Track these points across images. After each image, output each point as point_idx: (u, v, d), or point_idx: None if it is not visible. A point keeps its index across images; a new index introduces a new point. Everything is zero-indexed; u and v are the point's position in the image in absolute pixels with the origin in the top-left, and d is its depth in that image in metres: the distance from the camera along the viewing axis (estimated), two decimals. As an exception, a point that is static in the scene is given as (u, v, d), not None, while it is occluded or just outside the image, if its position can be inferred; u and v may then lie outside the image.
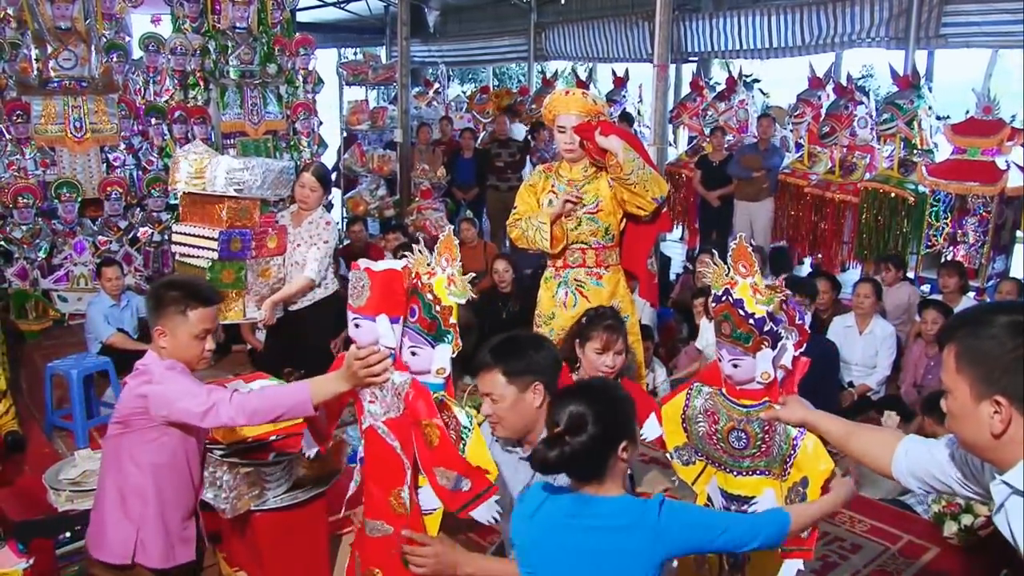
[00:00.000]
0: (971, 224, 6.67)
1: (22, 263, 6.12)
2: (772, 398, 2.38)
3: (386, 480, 2.37)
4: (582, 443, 1.93)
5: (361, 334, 2.30)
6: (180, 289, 2.58)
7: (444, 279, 2.25)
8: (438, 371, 2.28)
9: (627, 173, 3.74)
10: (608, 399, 2.05)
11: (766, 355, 2.34)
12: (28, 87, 6.26)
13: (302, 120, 7.71)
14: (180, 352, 2.55)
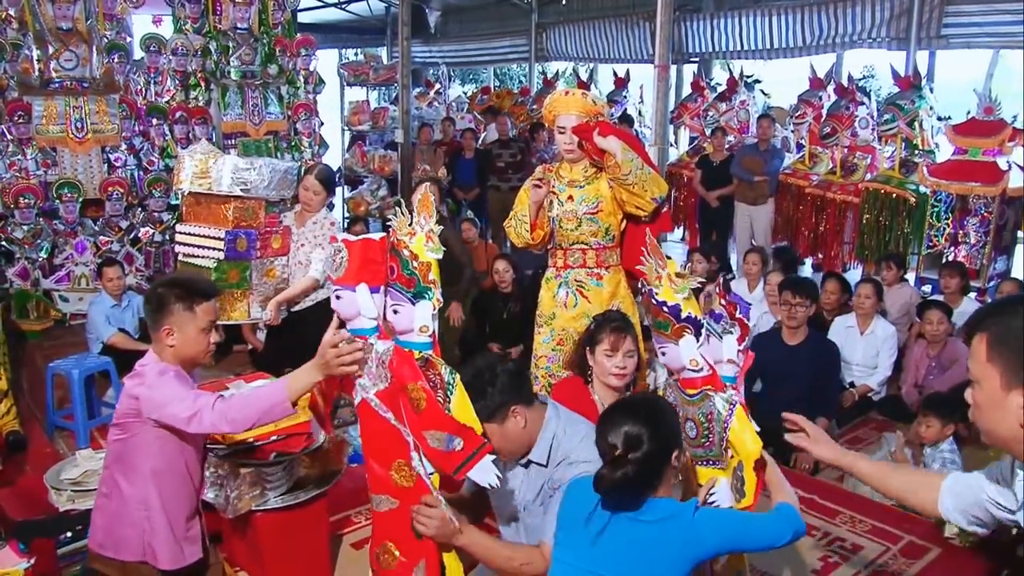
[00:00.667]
0: (972, 224, 6.67)
1: (23, 263, 6.12)
2: (715, 387, 2.45)
3: (386, 453, 2.37)
4: (642, 461, 2.04)
5: (342, 305, 2.31)
6: (182, 287, 2.61)
7: (423, 236, 2.25)
8: (421, 328, 2.28)
9: (625, 173, 3.74)
10: (657, 412, 2.18)
11: (689, 342, 2.42)
12: (29, 87, 6.27)
13: (303, 121, 7.71)
14: (189, 347, 2.58)
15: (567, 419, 2.57)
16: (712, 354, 2.50)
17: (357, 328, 2.35)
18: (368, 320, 2.31)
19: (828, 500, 4.07)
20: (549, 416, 2.52)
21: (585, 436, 2.50)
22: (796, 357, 4.72)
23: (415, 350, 2.30)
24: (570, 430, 2.52)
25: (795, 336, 4.79)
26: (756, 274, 6.14)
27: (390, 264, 2.30)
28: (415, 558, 2.37)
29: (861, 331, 5.37)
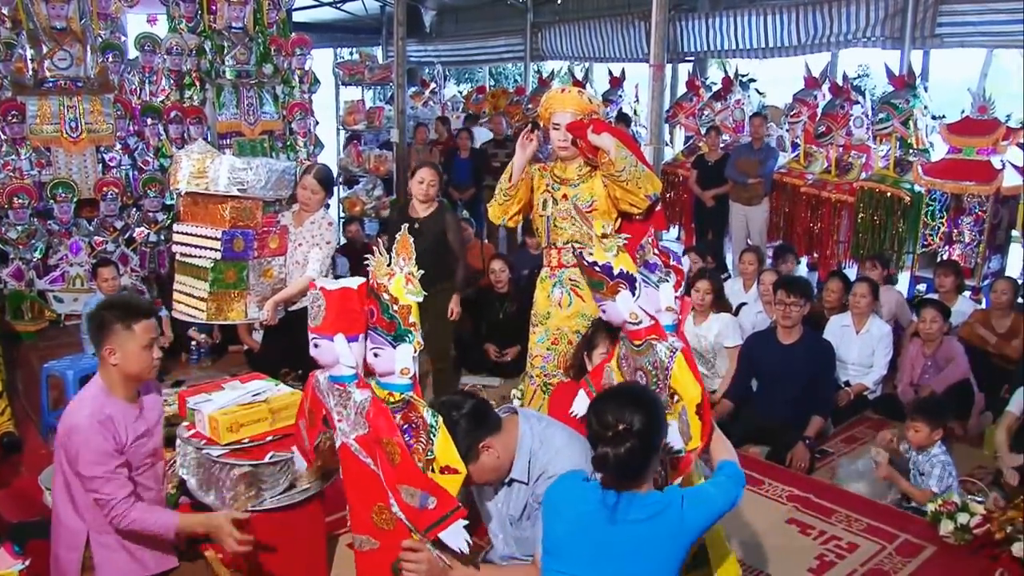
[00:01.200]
0: (967, 223, 6.68)
1: (18, 264, 6.10)
2: (659, 336, 2.59)
3: (367, 495, 2.38)
4: (642, 434, 2.11)
5: (321, 353, 2.33)
6: (120, 307, 2.77)
7: (402, 278, 2.26)
8: (402, 371, 2.29)
9: (619, 170, 3.74)
10: (648, 396, 2.27)
11: (624, 297, 2.57)
12: (23, 87, 6.25)
13: (298, 120, 7.70)
14: (131, 365, 2.74)
15: (542, 431, 2.55)
16: (650, 303, 2.61)
17: (336, 376, 2.36)
18: (347, 368, 2.33)
19: (824, 499, 4.07)
20: (522, 432, 2.50)
21: (562, 446, 2.50)
22: (791, 356, 4.73)
23: (397, 392, 2.31)
24: (546, 443, 2.51)
25: (790, 335, 4.79)
26: (752, 273, 6.14)
27: (369, 307, 2.32)
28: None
29: (857, 330, 5.38)
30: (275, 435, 3.05)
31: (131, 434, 2.80)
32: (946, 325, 5.18)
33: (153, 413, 2.98)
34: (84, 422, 2.67)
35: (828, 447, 4.80)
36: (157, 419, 3.00)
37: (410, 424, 2.27)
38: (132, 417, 2.84)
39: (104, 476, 2.64)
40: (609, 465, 2.10)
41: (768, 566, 3.50)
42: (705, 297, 5.29)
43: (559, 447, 2.48)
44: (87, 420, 2.68)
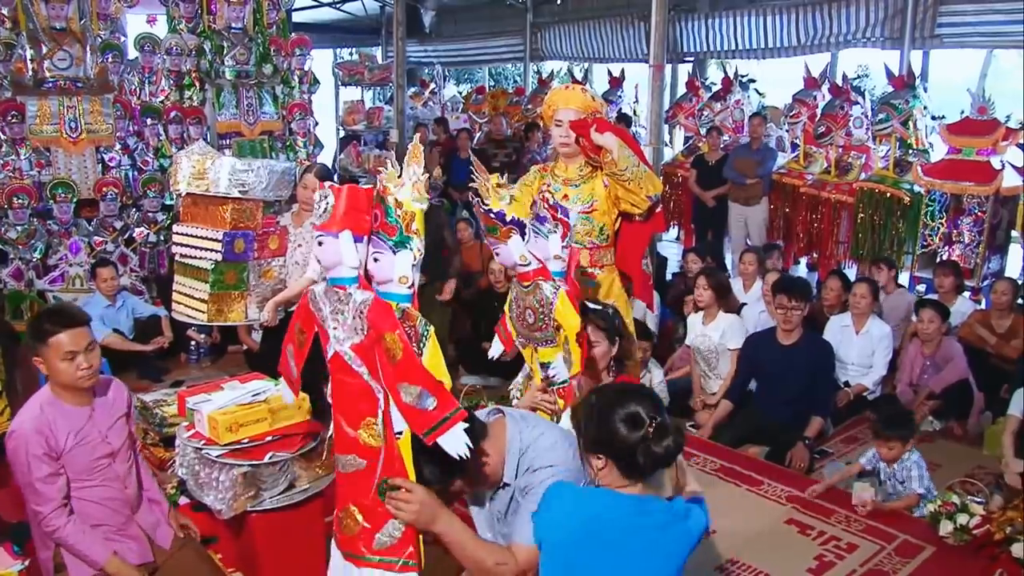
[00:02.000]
0: (966, 224, 6.69)
1: (17, 264, 6.09)
2: (544, 277, 2.94)
3: (357, 410, 2.32)
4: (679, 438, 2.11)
5: (324, 252, 2.29)
6: (44, 319, 2.82)
7: (410, 187, 2.25)
8: (401, 279, 2.26)
9: (621, 169, 3.75)
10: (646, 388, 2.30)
11: (516, 241, 2.90)
12: (23, 87, 6.24)
13: (298, 120, 7.69)
14: (57, 376, 2.79)
15: (530, 431, 2.53)
16: (541, 251, 2.96)
17: (337, 277, 2.32)
18: (349, 269, 2.29)
19: (823, 499, 4.07)
20: (511, 434, 2.48)
21: (551, 445, 2.48)
22: (791, 357, 4.73)
23: (394, 302, 2.28)
24: (536, 443, 2.50)
25: (790, 336, 4.79)
26: (752, 274, 6.14)
27: (374, 211, 2.28)
28: (378, 523, 2.34)
29: (856, 331, 5.38)
30: (274, 435, 3.06)
31: (71, 440, 2.81)
32: (945, 325, 5.19)
33: (107, 416, 2.98)
34: (21, 428, 2.73)
35: (828, 447, 4.80)
36: (113, 421, 3.00)
37: (405, 333, 2.25)
38: (79, 422, 2.86)
39: (35, 482, 2.69)
40: (662, 460, 2.08)
41: (767, 566, 3.50)
42: (704, 293, 5.28)
43: (547, 445, 2.47)
44: (25, 426, 2.73)
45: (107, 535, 2.87)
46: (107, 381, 3.06)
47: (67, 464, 2.80)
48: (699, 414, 5.16)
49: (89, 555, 2.77)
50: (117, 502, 2.93)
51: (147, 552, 3.00)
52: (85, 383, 2.84)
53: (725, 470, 4.41)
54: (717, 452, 4.61)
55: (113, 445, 2.95)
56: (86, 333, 2.82)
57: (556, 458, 2.45)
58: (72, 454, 2.80)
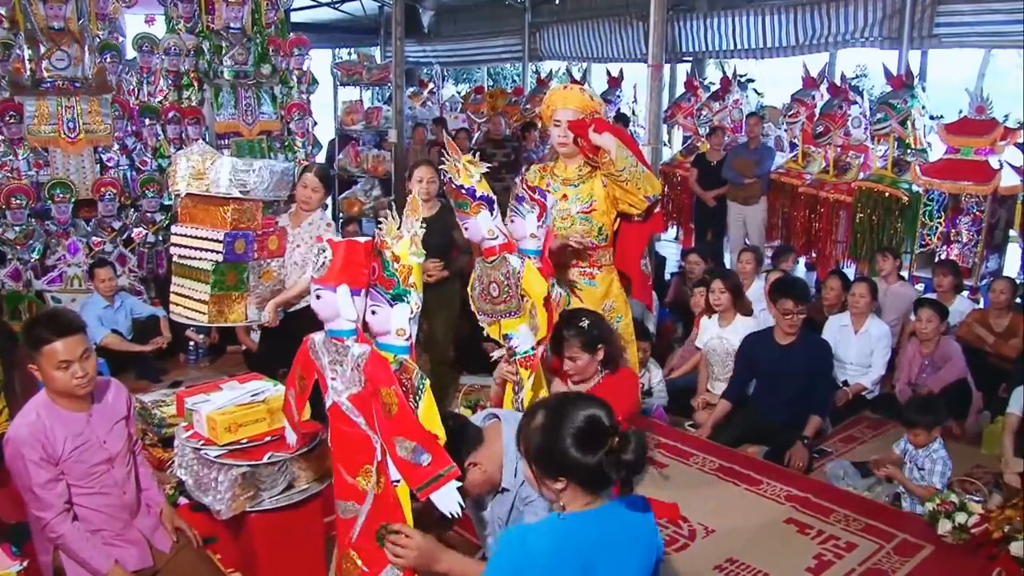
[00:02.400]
0: (965, 223, 6.69)
1: (15, 264, 6.08)
2: (510, 250, 3.14)
3: (355, 458, 2.36)
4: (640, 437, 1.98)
5: (322, 306, 2.31)
6: (38, 326, 2.77)
7: (408, 240, 2.27)
8: (398, 331, 2.29)
9: (619, 169, 3.75)
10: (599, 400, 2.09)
11: (484, 216, 3.08)
12: (21, 87, 6.23)
13: (296, 120, 7.69)
14: (52, 384, 2.75)
15: None
16: (518, 230, 3.15)
17: (335, 330, 2.34)
18: (347, 322, 2.31)
19: (822, 498, 4.08)
20: (507, 439, 2.48)
21: None
22: (789, 357, 4.73)
23: (391, 353, 2.30)
24: None
25: (788, 336, 4.79)
26: (750, 272, 6.14)
27: (372, 264, 2.31)
28: (377, 568, 2.35)
29: (855, 330, 5.38)
30: (273, 435, 3.05)
31: (69, 445, 2.78)
32: (943, 325, 5.19)
33: (105, 421, 2.94)
34: (17, 433, 2.71)
35: (826, 447, 4.81)
36: (112, 425, 2.96)
37: (401, 387, 2.26)
38: (76, 427, 2.83)
39: (34, 488, 2.67)
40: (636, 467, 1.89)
41: (766, 565, 3.50)
42: (721, 296, 5.25)
43: None
44: (22, 431, 2.71)
45: (106, 540, 2.85)
46: (106, 383, 3.02)
47: (65, 470, 2.78)
48: (698, 414, 5.16)
49: (91, 563, 2.75)
50: (115, 508, 2.91)
51: (146, 556, 2.99)
52: (81, 391, 2.78)
53: (724, 469, 4.41)
54: (716, 452, 4.61)
55: (111, 450, 2.91)
56: (81, 340, 2.76)
57: None
58: (70, 460, 2.77)
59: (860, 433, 5.06)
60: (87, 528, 2.81)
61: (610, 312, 4.08)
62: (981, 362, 5.25)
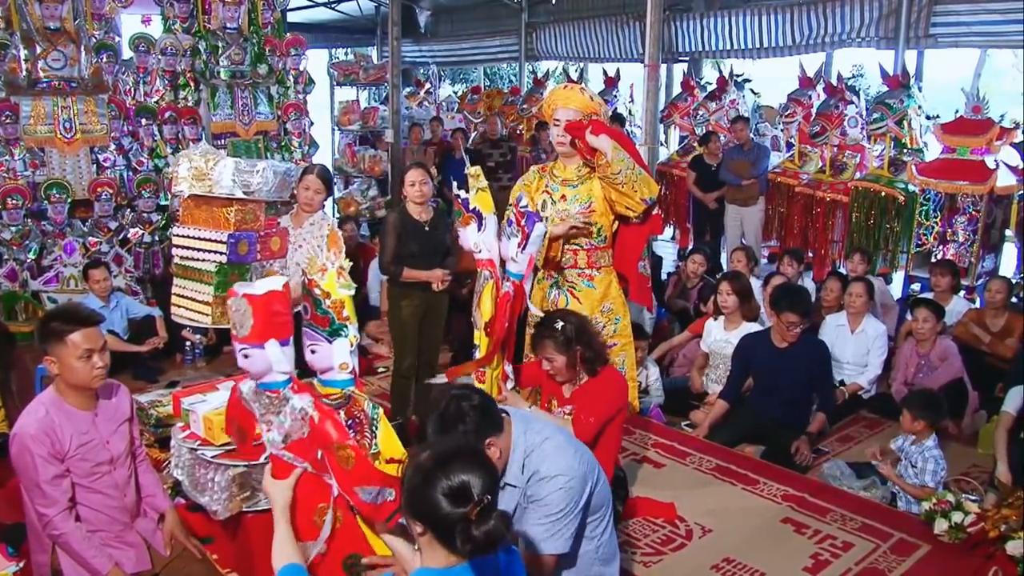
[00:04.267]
0: (961, 223, 6.70)
1: (11, 264, 6.08)
2: (491, 267, 3.28)
3: (307, 500, 2.36)
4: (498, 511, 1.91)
5: (251, 364, 2.28)
6: (58, 318, 2.78)
7: (334, 273, 2.26)
8: (341, 366, 2.28)
9: (615, 172, 3.74)
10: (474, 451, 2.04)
11: (472, 229, 3.26)
12: (17, 87, 6.22)
13: (293, 120, 7.68)
14: (71, 376, 2.74)
15: (536, 432, 2.53)
16: (504, 251, 3.28)
17: (268, 383, 2.32)
18: (279, 374, 2.30)
19: (819, 498, 4.08)
20: (516, 435, 2.49)
21: (556, 448, 2.49)
22: (786, 359, 4.71)
23: (338, 388, 2.29)
24: (541, 447, 2.50)
25: (785, 340, 4.76)
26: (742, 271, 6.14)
27: (304, 304, 2.31)
28: None
29: (852, 330, 5.39)
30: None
31: (75, 442, 2.79)
32: (939, 325, 5.19)
33: (110, 421, 2.95)
34: (25, 430, 2.70)
35: (823, 446, 4.81)
36: (116, 427, 2.97)
37: (353, 419, 2.27)
38: (83, 425, 2.83)
39: (41, 484, 2.66)
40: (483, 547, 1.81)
41: (763, 565, 3.51)
42: (728, 298, 5.23)
43: (552, 450, 2.48)
44: (30, 428, 2.70)
45: (105, 541, 2.85)
46: (113, 386, 3.02)
47: (69, 467, 2.78)
48: (695, 413, 5.16)
49: (91, 562, 2.74)
50: (115, 510, 2.90)
51: (145, 559, 2.98)
52: (98, 383, 2.83)
53: (721, 469, 4.41)
54: (713, 451, 4.61)
55: (113, 451, 2.91)
56: (100, 332, 2.82)
57: (563, 466, 2.45)
58: (75, 457, 2.78)
59: (857, 433, 5.06)
60: (87, 528, 2.81)
61: (609, 314, 4.07)
62: (977, 362, 5.26)
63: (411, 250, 4.66)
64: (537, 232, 3.30)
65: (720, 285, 5.35)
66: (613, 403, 3.42)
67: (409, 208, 4.76)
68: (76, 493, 2.81)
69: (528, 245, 3.25)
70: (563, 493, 2.45)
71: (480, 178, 3.22)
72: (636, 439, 4.74)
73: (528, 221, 3.22)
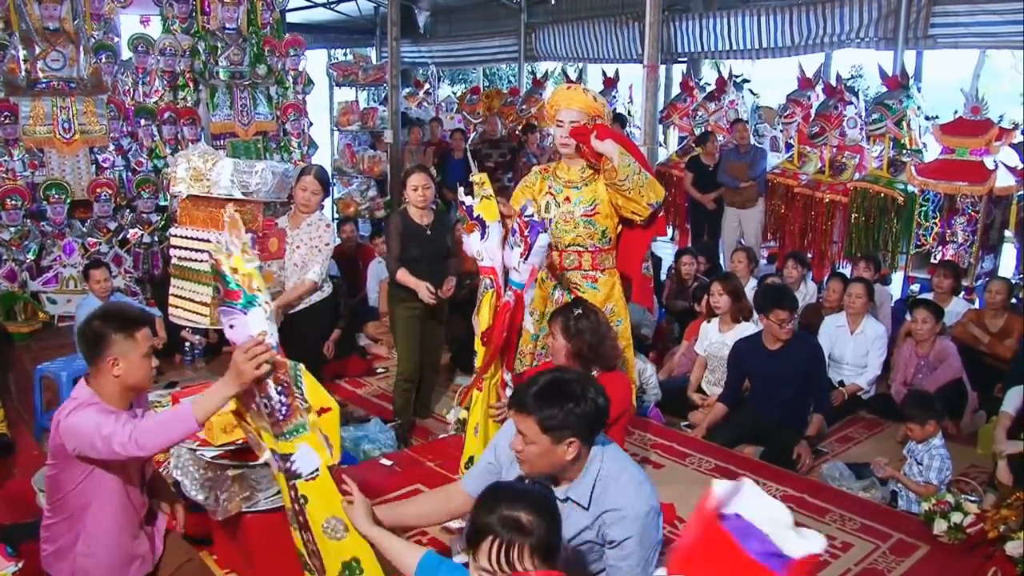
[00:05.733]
0: (960, 224, 6.70)
1: (11, 265, 6.08)
2: (492, 275, 3.30)
3: None
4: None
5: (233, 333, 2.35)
6: (118, 318, 2.66)
7: (239, 252, 2.29)
8: (260, 335, 2.30)
9: (621, 178, 3.73)
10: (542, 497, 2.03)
11: (475, 236, 3.30)
12: (16, 88, 6.22)
13: (292, 121, 7.68)
14: (134, 374, 2.62)
15: (613, 460, 2.38)
16: (508, 258, 3.27)
17: None
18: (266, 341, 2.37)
19: (818, 499, 4.08)
20: (593, 455, 2.35)
21: (639, 484, 2.33)
22: (780, 360, 4.71)
23: None
24: (618, 475, 2.34)
25: (777, 341, 4.76)
26: (744, 272, 6.15)
27: (214, 285, 2.37)
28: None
29: (851, 330, 5.39)
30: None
31: None
32: (939, 326, 5.19)
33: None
34: (78, 413, 2.54)
35: (823, 447, 4.81)
36: None
37: (281, 384, 2.30)
38: None
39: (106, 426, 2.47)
40: None
41: (763, 566, 3.50)
42: (720, 299, 5.23)
43: (632, 488, 2.32)
44: (80, 409, 2.55)
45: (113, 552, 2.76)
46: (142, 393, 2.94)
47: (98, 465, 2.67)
48: (694, 414, 5.16)
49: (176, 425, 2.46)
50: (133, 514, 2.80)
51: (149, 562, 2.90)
52: (151, 383, 2.78)
53: (720, 470, 4.41)
54: (712, 452, 4.61)
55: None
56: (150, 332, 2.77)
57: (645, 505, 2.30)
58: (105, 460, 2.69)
59: (856, 433, 5.06)
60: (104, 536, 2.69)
61: (611, 315, 4.07)
62: (977, 362, 5.26)
63: (412, 254, 4.66)
64: (541, 243, 3.22)
65: (712, 286, 5.35)
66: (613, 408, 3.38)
67: (410, 212, 4.76)
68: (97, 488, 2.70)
69: (531, 256, 3.21)
70: (654, 529, 2.32)
71: (486, 185, 3.21)
72: (635, 440, 4.74)
73: (532, 231, 3.17)
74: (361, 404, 5.50)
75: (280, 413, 2.33)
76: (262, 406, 2.34)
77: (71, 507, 2.64)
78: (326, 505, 2.42)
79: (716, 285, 5.30)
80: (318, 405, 2.39)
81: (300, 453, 2.37)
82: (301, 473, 2.38)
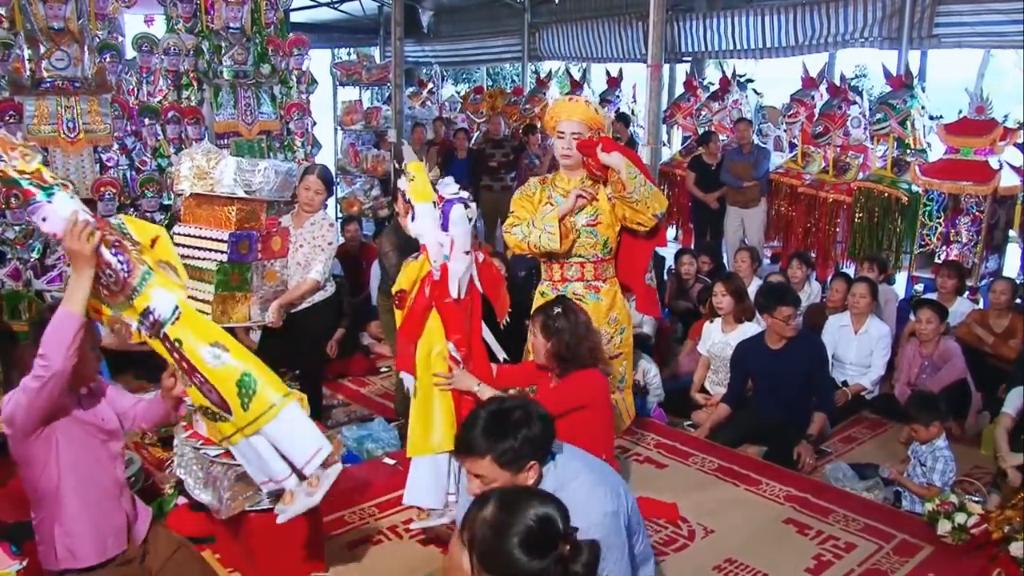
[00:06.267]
0: (964, 223, 6.69)
1: (15, 264, 6.08)
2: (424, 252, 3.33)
3: None
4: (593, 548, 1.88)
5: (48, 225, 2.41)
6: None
7: (18, 159, 2.38)
8: (72, 215, 2.37)
9: (630, 191, 3.73)
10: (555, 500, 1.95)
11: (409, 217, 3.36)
12: (21, 87, 6.23)
13: (296, 120, 7.68)
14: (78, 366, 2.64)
15: (564, 468, 2.37)
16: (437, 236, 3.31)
17: None
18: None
19: (821, 499, 4.08)
20: (545, 471, 2.34)
21: (590, 491, 2.31)
22: (783, 360, 4.71)
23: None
24: (569, 484, 2.31)
25: (779, 340, 4.76)
26: (747, 272, 6.15)
27: (14, 193, 2.48)
28: None
29: (855, 330, 5.38)
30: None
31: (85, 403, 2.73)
32: (943, 326, 5.18)
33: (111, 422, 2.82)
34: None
35: (826, 447, 4.81)
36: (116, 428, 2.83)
37: (113, 245, 2.42)
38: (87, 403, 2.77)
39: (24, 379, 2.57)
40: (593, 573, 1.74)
41: (765, 566, 3.50)
42: (723, 299, 5.22)
43: (582, 496, 2.26)
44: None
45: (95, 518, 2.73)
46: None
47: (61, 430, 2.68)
48: (697, 414, 5.16)
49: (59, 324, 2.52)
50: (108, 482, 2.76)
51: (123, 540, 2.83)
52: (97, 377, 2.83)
53: (724, 470, 4.41)
54: (715, 452, 4.61)
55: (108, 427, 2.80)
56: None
57: (597, 512, 2.26)
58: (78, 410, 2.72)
59: (859, 433, 5.06)
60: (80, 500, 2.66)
61: (615, 324, 4.06)
62: (981, 363, 5.25)
63: None
64: (455, 214, 3.31)
65: (715, 287, 5.34)
66: (576, 395, 3.34)
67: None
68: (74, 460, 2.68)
69: (449, 226, 3.29)
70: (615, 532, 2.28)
71: (418, 169, 3.34)
72: (638, 439, 4.74)
73: (447, 203, 3.32)
74: (364, 403, 5.51)
75: (124, 271, 2.41)
76: (108, 279, 2.40)
77: (46, 495, 2.63)
78: (199, 336, 2.50)
79: (719, 285, 5.30)
80: (147, 238, 2.50)
81: (156, 298, 2.45)
82: (165, 318, 2.45)
